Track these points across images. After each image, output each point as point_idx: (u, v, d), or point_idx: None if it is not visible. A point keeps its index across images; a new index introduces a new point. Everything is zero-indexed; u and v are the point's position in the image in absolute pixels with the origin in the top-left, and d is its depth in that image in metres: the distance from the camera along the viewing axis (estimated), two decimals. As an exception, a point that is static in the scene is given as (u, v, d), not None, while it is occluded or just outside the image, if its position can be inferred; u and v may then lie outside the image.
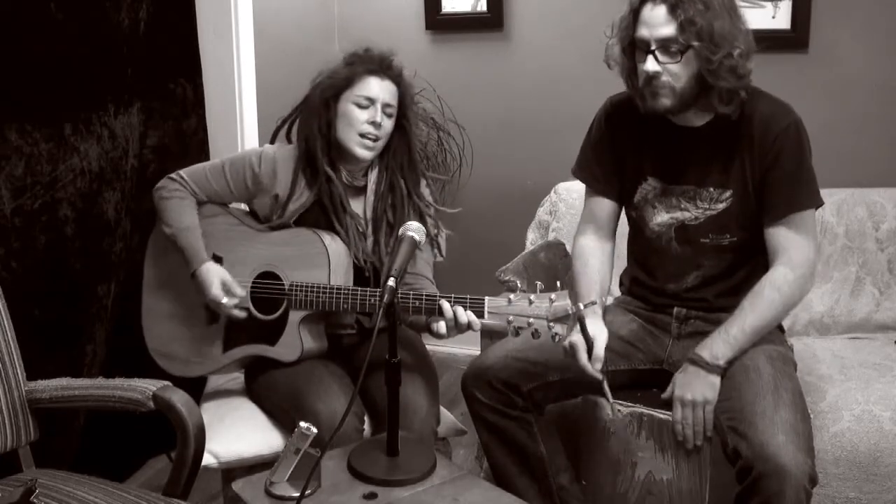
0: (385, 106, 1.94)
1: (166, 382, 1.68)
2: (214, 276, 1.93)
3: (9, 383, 1.70)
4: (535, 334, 1.65)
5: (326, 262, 1.90)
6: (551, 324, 1.63)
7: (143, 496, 1.55)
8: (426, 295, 1.77)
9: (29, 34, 1.96)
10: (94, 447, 2.26)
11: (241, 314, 1.95)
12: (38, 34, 1.98)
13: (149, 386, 1.67)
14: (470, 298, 1.73)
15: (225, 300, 1.92)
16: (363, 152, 1.94)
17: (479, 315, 1.72)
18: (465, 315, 1.72)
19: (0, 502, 1.44)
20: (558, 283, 1.68)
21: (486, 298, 1.71)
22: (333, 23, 3.60)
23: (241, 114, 2.60)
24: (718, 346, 1.80)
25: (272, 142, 2.08)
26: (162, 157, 2.39)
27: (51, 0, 1.99)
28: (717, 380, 1.79)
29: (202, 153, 2.53)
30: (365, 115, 1.92)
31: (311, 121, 1.97)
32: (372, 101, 1.93)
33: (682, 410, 1.79)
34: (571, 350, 1.80)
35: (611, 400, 1.82)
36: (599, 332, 1.82)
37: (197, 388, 2.09)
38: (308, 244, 1.93)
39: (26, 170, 1.99)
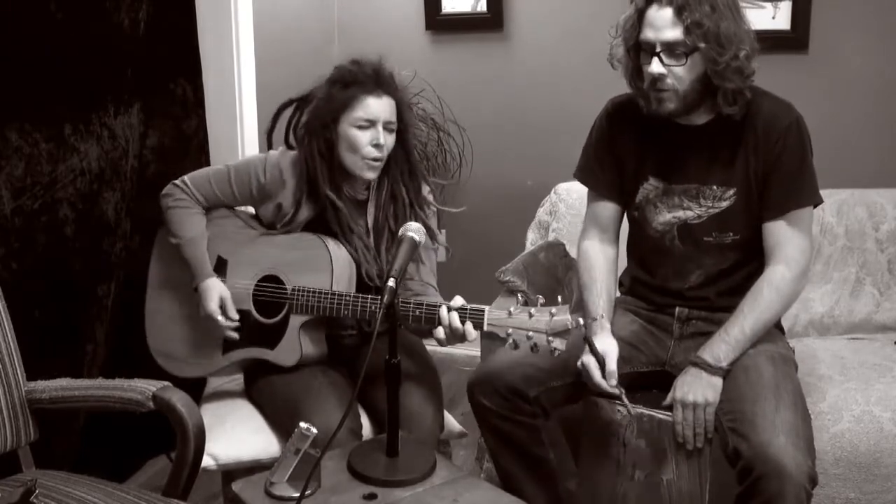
0: (386, 123, 1.90)
1: (166, 383, 1.68)
2: (215, 292, 1.94)
3: (9, 383, 1.70)
4: (535, 348, 1.64)
5: (329, 267, 1.89)
6: (550, 338, 1.62)
7: (143, 496, 1.54)
8: (427, 304, 1.75)
9: (29, 34, 1.96)
10: (93, 448, 2.26)
11: (234, 335, 1.95)
12: (38, 34, 1.98)
13: (149, 386, 1.67)
14: (470, 309, 1.71)
15: (220, 318, 1.93)
16: (371, 174, 1.92)
17: (479, 326, 1.70)
18: (460, 326, 1.70)
19: (0, 502, 1.44)
20: (559, 298, 1.66)
21: (487, 309, 1.69)
22: (333, 23, 3.60)
23: (241, 114, 2.60)
24: (720, 348, 1.80)
25: (269, 150, 2.05)
26: (162, 157, 2.39)
27: (51, 0, 1.99)
28: (718, 381, 1.78)
29: (202, 154, 2.53)
30: (367, 137, 1.88)
31: (311, 146, 1.94)
32: (373, 122, 1.89)
33: (683, 412, 1.78)
34: (584, 370, 1.81)
35: (632, 411, 1.83)
36: (610, 346, 1.83)
37: (197, 389, 2.09)
38: (312, 249, 1.92)
39: (26, 170, 1.99)
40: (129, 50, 2.21)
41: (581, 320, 1.67)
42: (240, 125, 2.60)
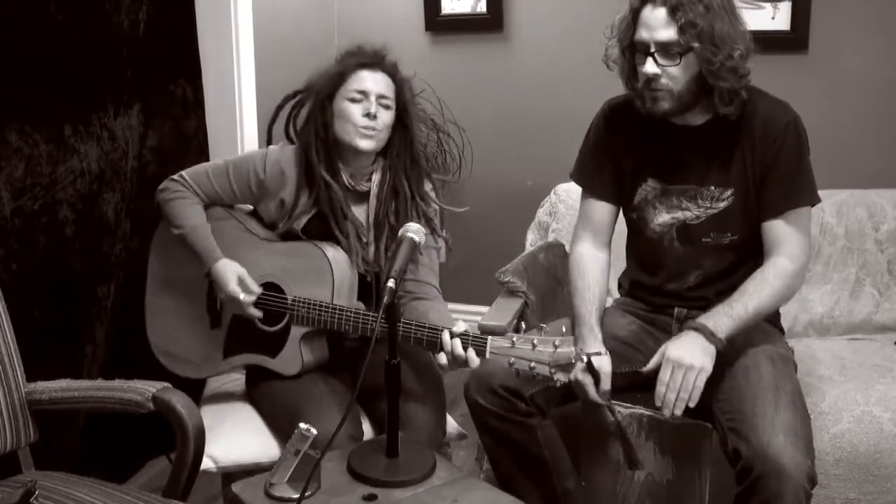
0: (380, 97, 1.89)
1: (166, 384, 1.68)
2: (231, 272, 1.90)
3: (8, 385, 1.70)
4: (537, 377, 1.64)
5: (330, 279, 1.86)
6: (553, 370, 1.62)
7: (143, 497, 1.55)
8: (429, 326, 1.74)
9: (29, 34, 1.96)
10: (93, 448, 2.26)
11: (258, 313, 1.91)
12: (38, 34, 1.98)
13: (148, 387, 1.66)
14: (472, 337, 1.70)
15: (243, 296, 1.88)
16: (364, 142, 1.88)
17: (481, 354, 1.69)
18: (463, 353, 1.69)
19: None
20: (563, 329, 1.65)
21: (489, 338, 1.68)
22: (333, 23, 3.60)
23: (241, 114, 2.60)
24: (721, 319, 1.77)
25: (268, 144, 2.05)
26: (162, 158, 2.39)
27: (51, 0, 1.99)
28: (713, 351, 1.74)
29: (202, 154, 2.53)
30: (360, 109, 1.87)
31: (308, 126, 1.93)
32: (365, 93, 1.88)
33: (674, 373, 1.72)
34: (578, 386, 1.80)
35: (622, 422, 1.83)
36: (605, 364, 1.82)
37: (196, 390, 2.08)
38: (312, 259, 1.89)
39: (26, 171, 1.99)
40: (128, 50, 2.21)
41: (585, 357, 1.66)
42: (239, 126, 2.60)
